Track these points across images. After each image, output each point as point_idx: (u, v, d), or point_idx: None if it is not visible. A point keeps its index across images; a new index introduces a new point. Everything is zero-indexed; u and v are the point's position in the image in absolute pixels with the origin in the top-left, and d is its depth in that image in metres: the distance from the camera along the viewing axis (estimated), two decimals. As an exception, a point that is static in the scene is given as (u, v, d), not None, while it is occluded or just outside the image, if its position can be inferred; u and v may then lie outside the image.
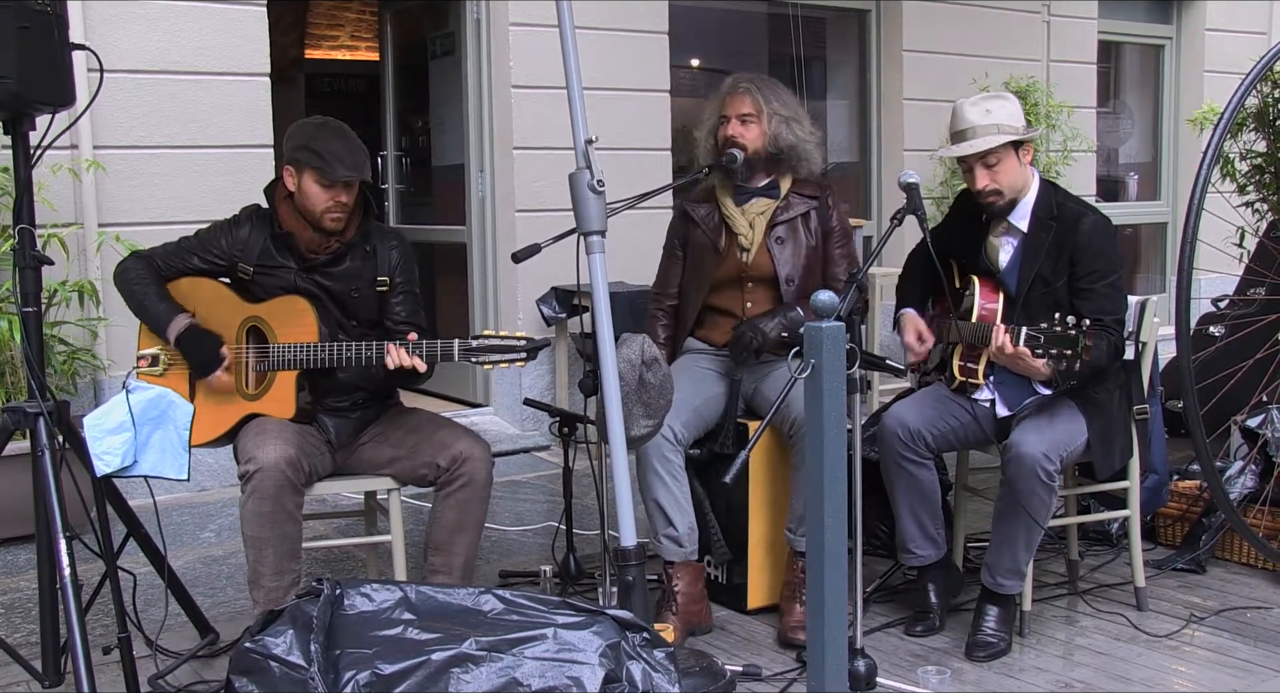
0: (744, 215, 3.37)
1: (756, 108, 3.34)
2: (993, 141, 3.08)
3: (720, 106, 3.40)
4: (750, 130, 3.33)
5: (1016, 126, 3.12)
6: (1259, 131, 4.92)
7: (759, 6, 6.70)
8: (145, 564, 3.04)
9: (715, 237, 3.40)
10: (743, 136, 3.32)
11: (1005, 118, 3.11)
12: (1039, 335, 2.88)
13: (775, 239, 3.35)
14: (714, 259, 3.39)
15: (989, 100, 3.15)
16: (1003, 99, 3.17)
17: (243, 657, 2.26)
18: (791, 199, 3.39)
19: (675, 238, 3.52)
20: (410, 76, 6.58)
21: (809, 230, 3.39)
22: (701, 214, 3.44)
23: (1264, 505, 3.73)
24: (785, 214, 3.37)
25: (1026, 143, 3.16)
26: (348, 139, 2.98)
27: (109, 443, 2.73)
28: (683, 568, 3.24)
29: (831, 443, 2.25)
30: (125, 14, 4.62)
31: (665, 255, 3.54)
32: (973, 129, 3.11)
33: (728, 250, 3.39)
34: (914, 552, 3.30)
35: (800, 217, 3.38)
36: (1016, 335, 2.93)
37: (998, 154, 3.10)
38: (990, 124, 3.09)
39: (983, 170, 3.13)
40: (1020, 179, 3.16)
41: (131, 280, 3.04)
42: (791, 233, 3.37)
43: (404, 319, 3.14)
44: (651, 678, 2.26)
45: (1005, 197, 3.15)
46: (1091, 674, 3.00)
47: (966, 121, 3.12)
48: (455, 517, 3.02)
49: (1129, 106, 8.55)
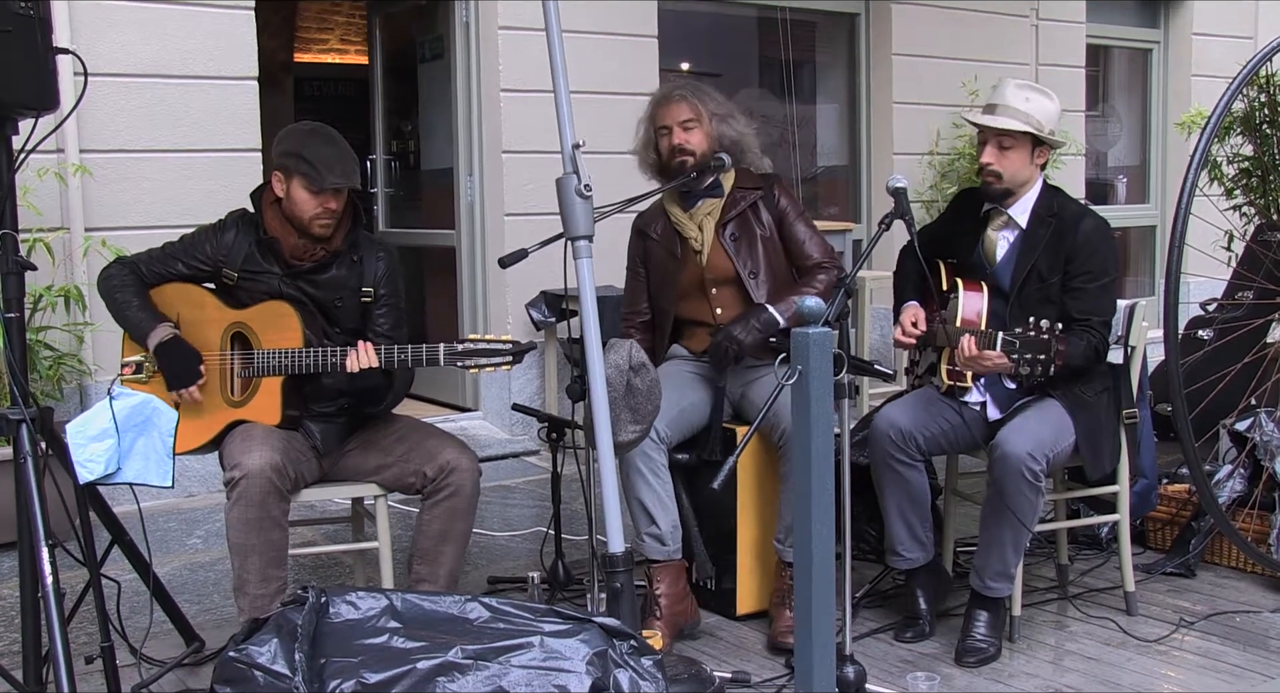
0: (692, 219, 3.39)
1: (695, 112, 3.35)
2: (1014, 125, 3.13)
3: (655, 119, 3.40)
4: (694, 135, 3.34)
5: (1045, 126, 3.16)
6: (1246, 135, 4.93)
7: (748, 10, 6.70)
8: (130, 572, 3.02)
9: (670, 245, 3.43)
10: (689, 143, 3.32)
11: (1039, 113, 3.16)
12: (1014, 340, 2.92)
13: (729, 236, 3.36)
14: (674, 267, 3.41)
15: (1035, 91, 3.20)
16: (1046, 96, 3.21)
17: (227, 666, 2.25)
18: (736, 194, 3.40)
19: (635, 257, 3.55)
20: (399, 80, 6.56)
21: (760, 221, 3.39)
22: (655, 227, 3.47)
23: (1252, 509, 3.73)
24: (733, 210, 3.38)
25: (1045, 145, 3.19)
26: (338, 146, 2.96)
27: (92, 450, 2.71)
28: (663, 570, 3.23)
29: (819, 449, 2.24)
30: (112, 17, 4.59)
31: (629, 275, 3.57)
32: (1005, 108, 3.16)
33: (684, 256, 3.40)
34: (902, 554, 3.30)
35: (749, 209, 3.39)
36: (993, 340, 2.96)
37: (1014, 139, 3.15)
38: (1022, 111, 3.14)
39: (994, 149, 3.17)
40: (1024, 174, 3.19)
41: (115, 287, 3.02)
42: (743, 227, 3.37)
43: (385, 332, 3.12)
44: (639, 686, 2.25)
45: (1003, 183, 3.18)
46: (1081, 680, 3.00)
47: (1004, 99, 3.17)
48: (441, 526, 3.00)
49: (1117, 110, 8.57)
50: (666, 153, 3.37)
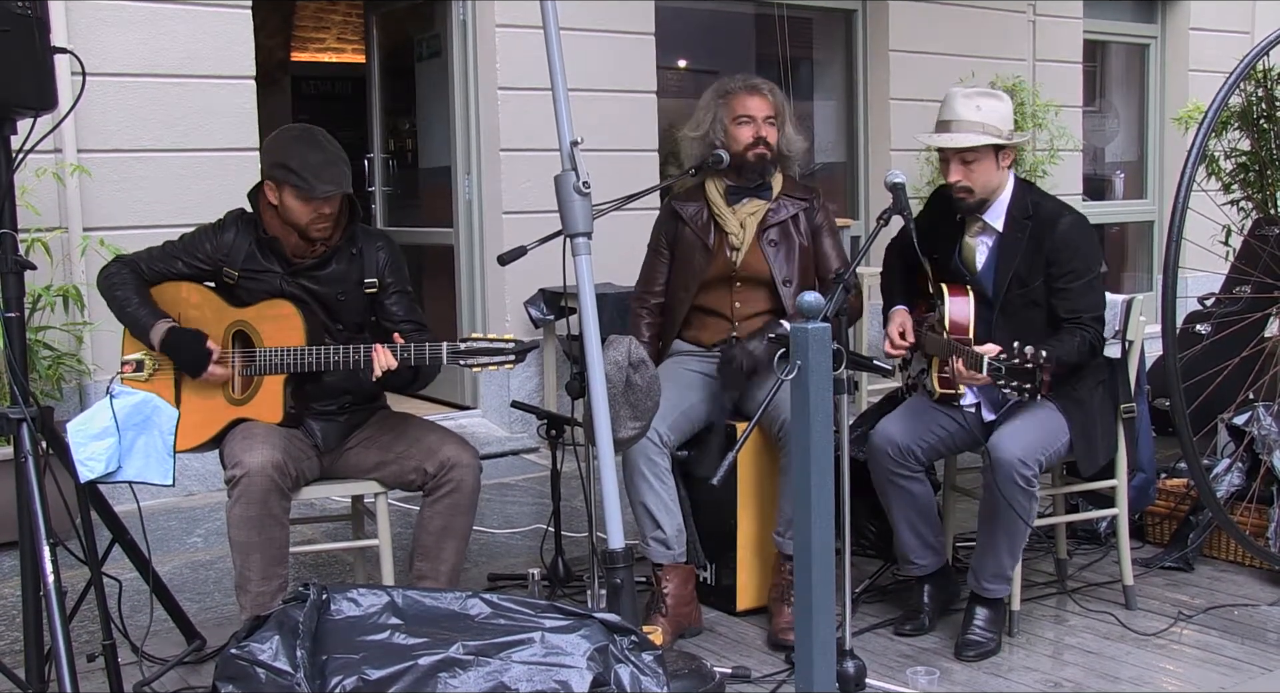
0: (735, 215, 3.36)
1: (777, 110, 3.35)
2: (974, 140, 3.07)
3: (735, 107, 3.35)
4: (774, 132, 3.33)
5: (1003, 130, 3.10)
6: (1243, 130, 4.94)
7: (745, 7, 6.70)
8: (131, 570, 3.02)
9: (704, 235, 3.39)
10: (771, 137, 3.31)
11: (994, 118, 3.09)
12: (1000, 366, 2.86)
13: (769, 241, 3.34)
14: (703, 257, 3.38)
15: (982, 96, 3.12)
16: (996, 98, 3.14)
17: (229, 663, 2.25)
18: (783, 201, 3.39)
19: (662, 235, 3.49)
20: (397, 78, 6.56)
21: (800, 232, 3.38)
22: (690, 212, 3.42)
23: (1251, 503, 3.74)
24: (776, 216, 3.37)
25: (1008, 148, 3.14)
26: (326, 150, 2.93)
27: (93, 449, 2.71)
28: (672, 570, 3.23)
29: (818, 444, 2.25)
30: (109, 17, 4.59)
31: (650, 253, 3.52)
32: (959, 123, 3.09)
33: (717, 249, 3.37)
34: (916, 562, 3.30)
35: (790, 219, 3.38)
36: (980, 363, 2.91)
37: (976, 153, 3.08)
38: (977, 121, 3.07)
39: (958, 165, 3.11)
40: (995, 181, 3.14)
41: (115, 286, 3.02)
42: (784, 235, 3.36)
43: (403, 318, 3.11)
44: (640, 681, 2.25)
45: (976, 196, 3.15)
46: (1080, 673, 3.00)
47: (955, 114, 3.10)
48: (442, 523, 3.01)
49: (1115, 105, 8.58)
50: (744, 142, 3.31)
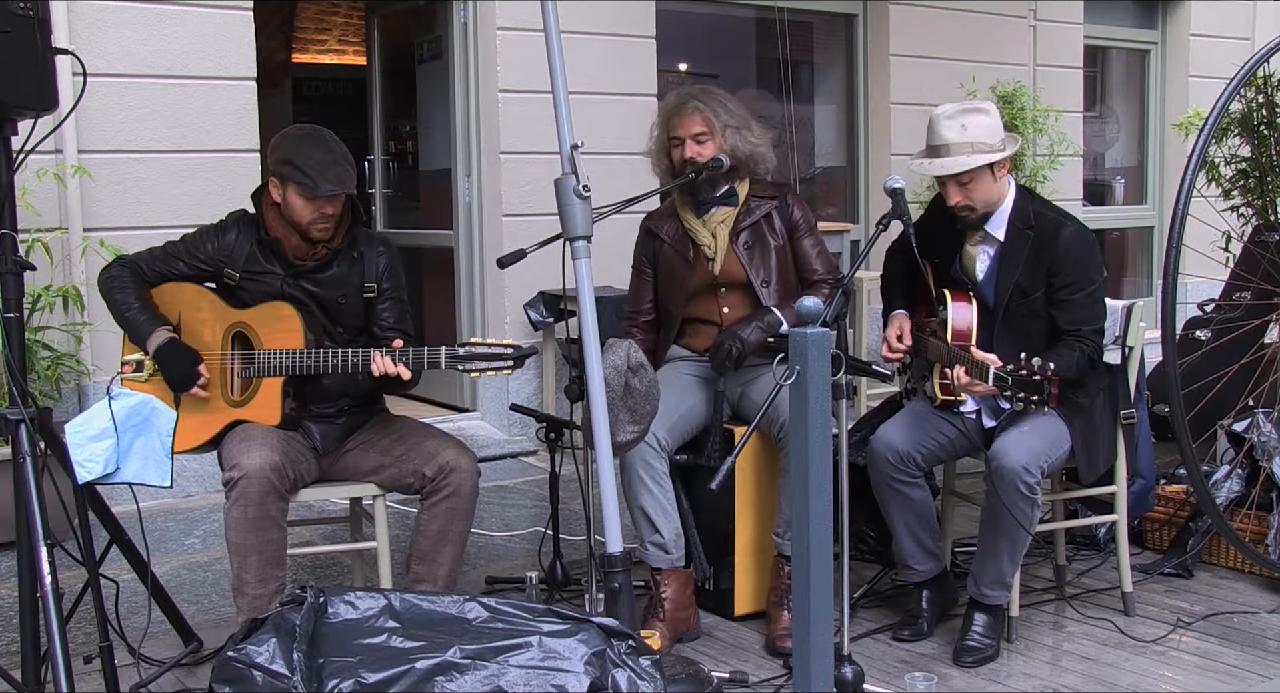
0: (705, 226, 3.38)
1: (708, 124, 3.31)
2: (966, 164, 3.03)
3: (668, 127, 3.36)
4: (706, 149, 3.30)
5: (992, 143, 3.06)
6: (1243, 136, 4.94)
7: (746, 11, 6.70)
8: (129, 572, 3.02)
9: (682, 249, 3.41)
10: (701, 156, 3.29)
11: (981, 134, 3.05)
12: (1006, 377, 2.85)
13: (743, 245, 3.35)
14: (684, 270, 3.40)
15: (965, 114, 3.07)
16: (979, 111, 3.09)
17: (225, 665, 2.25)
18: (751, 203, 3.39)
19: (643, 256, 3.53)
20: (397, 81, 6.56)
21: (774, 231, 3.38)
22: (665, 229, 3.45)
23: (1250, 510, 3.74)
24: (747, 219, 3.37)
25: (1003, 159, 3.10)
26: (332, 151, 2.94)
27: (91, 450, 2.71)
28: (671, 575, 3.23)
29: (816, 448, 2.25)
30: (110, 18, 4.59)
31: (634, 273, 3.56)
32: (947, 146, 3.05)
33: (696, 260, 3.39)
34: (914, 568, 3.29)
35: (763, 219, 3.38)
36: (985, 373, 2.90)
37: (971, 173, 3.06)
38: (965, 142, 3.03)
39: (955, 187, 3.09)
40: (995, 193, 3.13)
41: (115, 287, 3.02)
42: (757, 237, 3.37)
43: (391, 326, 3.13)
44: (637, 685, 2.25)
45: (978, 211, 3.13)
46: (1079, 680, 3.00)
47: (941, 138, 3.07)
48: (440, 527, 3.00)
49: (1115, 111, 8.58)
50: (678, 163, 3.34)
